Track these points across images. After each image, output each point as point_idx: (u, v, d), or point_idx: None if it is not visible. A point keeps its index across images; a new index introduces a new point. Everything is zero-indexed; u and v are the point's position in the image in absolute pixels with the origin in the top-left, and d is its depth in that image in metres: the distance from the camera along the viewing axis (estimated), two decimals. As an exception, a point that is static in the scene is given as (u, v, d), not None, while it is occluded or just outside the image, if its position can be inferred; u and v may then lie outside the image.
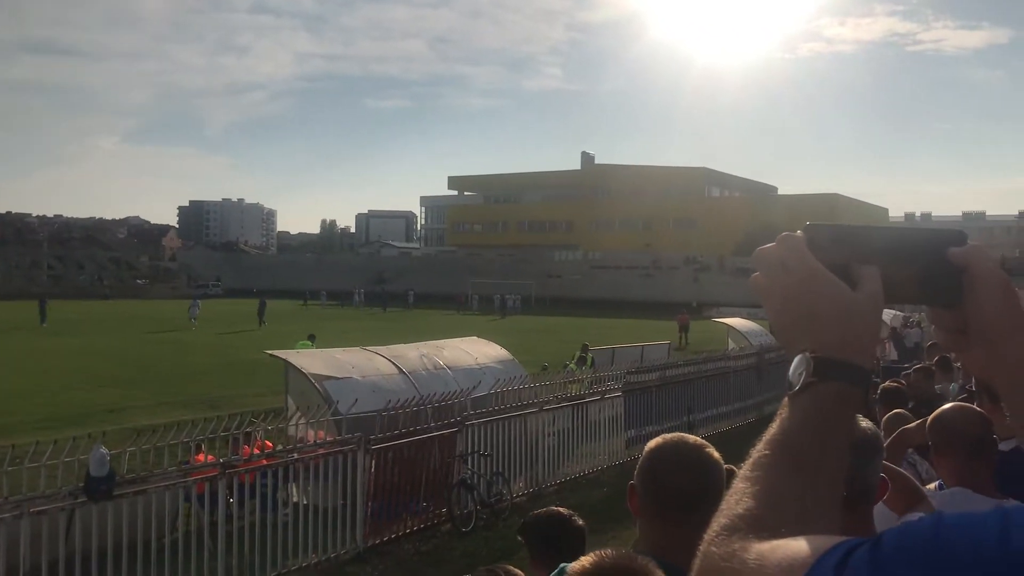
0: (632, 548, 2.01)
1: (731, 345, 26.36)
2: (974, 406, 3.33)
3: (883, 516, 2.01)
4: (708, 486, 1.95)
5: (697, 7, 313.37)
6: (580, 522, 2.28)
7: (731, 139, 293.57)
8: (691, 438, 2.05)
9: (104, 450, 7.59)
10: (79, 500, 7.45)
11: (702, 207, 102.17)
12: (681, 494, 1.92)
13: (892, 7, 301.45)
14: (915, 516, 1.81)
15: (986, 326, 0.92)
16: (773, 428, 0.91)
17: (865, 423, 1.99)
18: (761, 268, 0.94)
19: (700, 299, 71.58)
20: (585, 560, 1.77)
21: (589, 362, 19.95)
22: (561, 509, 2.05)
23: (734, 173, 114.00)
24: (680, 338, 37.04)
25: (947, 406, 3.33)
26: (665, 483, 1.93)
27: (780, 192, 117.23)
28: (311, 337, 22.51)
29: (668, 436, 2.05)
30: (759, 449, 0.89)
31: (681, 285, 79.41)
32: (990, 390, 2.79)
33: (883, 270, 0.92)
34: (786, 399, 0.92)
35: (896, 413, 5.00)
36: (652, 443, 2.02)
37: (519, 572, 3.10)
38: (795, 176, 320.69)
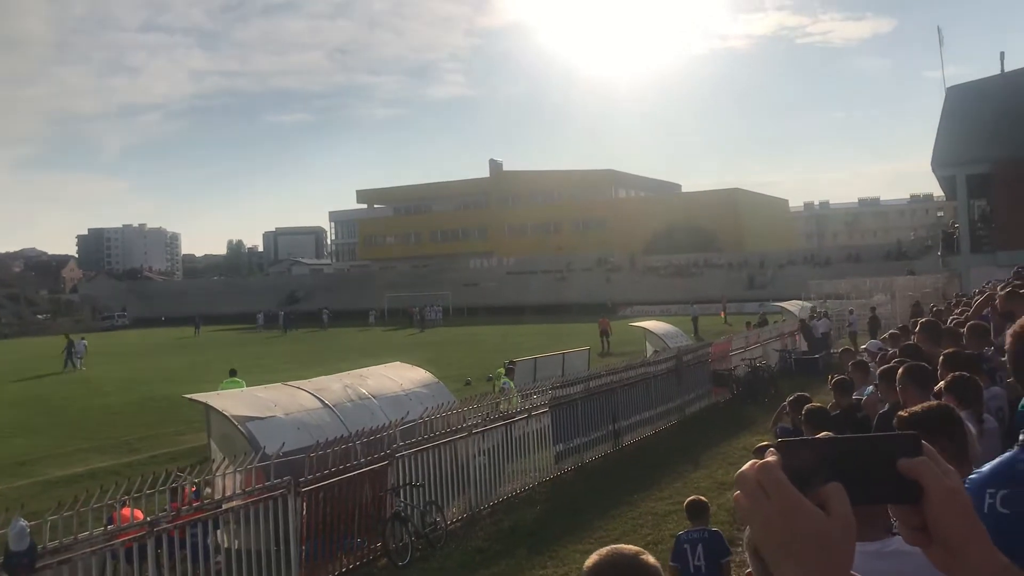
0: None
1: (649, 348, 26.84)
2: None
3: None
4: None
5: (592, 8, 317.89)
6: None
7: (633, 139, 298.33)
8: (626, 549, 2.10)
9: (23, 522, 7.28)
10: (-1, 576, 7.14)
11: (610, 208, 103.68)
12: None
13: (781, 2, 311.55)
14: None
15: (942, 536, 1.01)
16: None
17: None
18: (742, 491, 1.00)
19: (613, 298, 72.68)
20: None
21: (512, 383, 19.81)
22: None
23: (638, 173, 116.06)
24: (602, 343, 37.33)
25: None
26: None
27: (684, 189, 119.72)
28: (233, 372, 21.68)
29: (602, 552, 2.10)
30: None
31: (594, 286, 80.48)
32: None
33: (847, 479, 0.99)
34: None
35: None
36: (588, 562, 2.07)
37: None
38: (697, 172, 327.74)
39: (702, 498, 7.68)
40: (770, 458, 1.01)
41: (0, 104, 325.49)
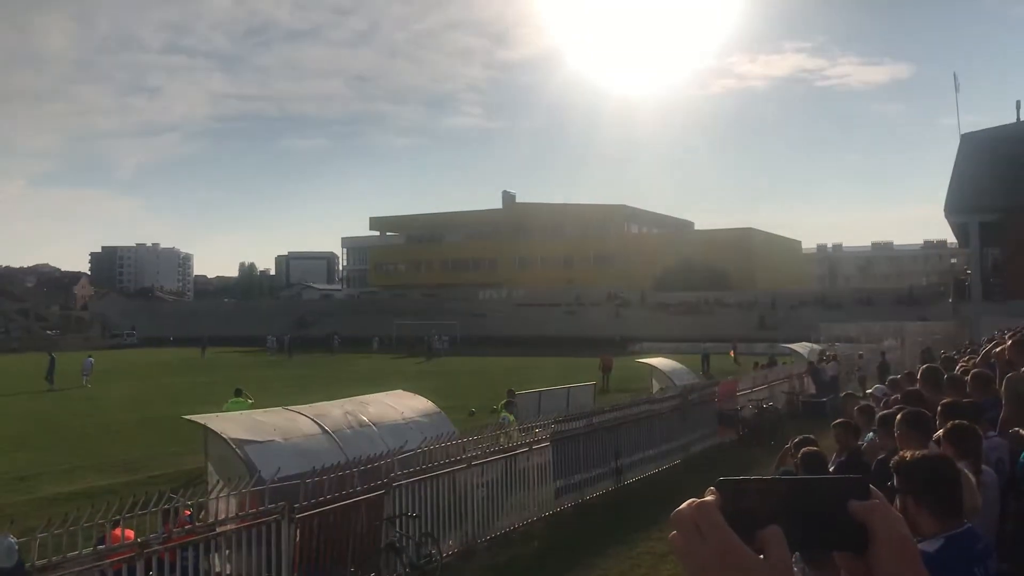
0: None
1: (655, 386, 26.68)
2: None
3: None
4: None
5: (611, 46, 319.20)
6: None
7: (648, 176, 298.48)
8: None
9: (12, 539, 7.23)
10: (-15, 593, 7.08)
11: (621, 243, 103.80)
12: None
13: (800, 44, 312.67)
14: None
15: None
16: None
17: None
18: (678, 530, 0.97)
19: (623, 334, 72.45)
20: None
21: (512, 417, 19.56)
22: None
23: (651, 209, 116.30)
24: (602, 379, 36.94)
25: None
26: None
27: (696, 227, 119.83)
28: (238, 392, 21.65)
29: None
30: None
31: (604, 321, 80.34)
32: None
33: (790, 522, 0.96)
34: None
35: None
36: None
37: None
38: (710, 211, 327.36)
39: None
40: (708, 497, 0.97)
41: (20, 119, 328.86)
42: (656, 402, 19.68)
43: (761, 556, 0.94)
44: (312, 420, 12.89)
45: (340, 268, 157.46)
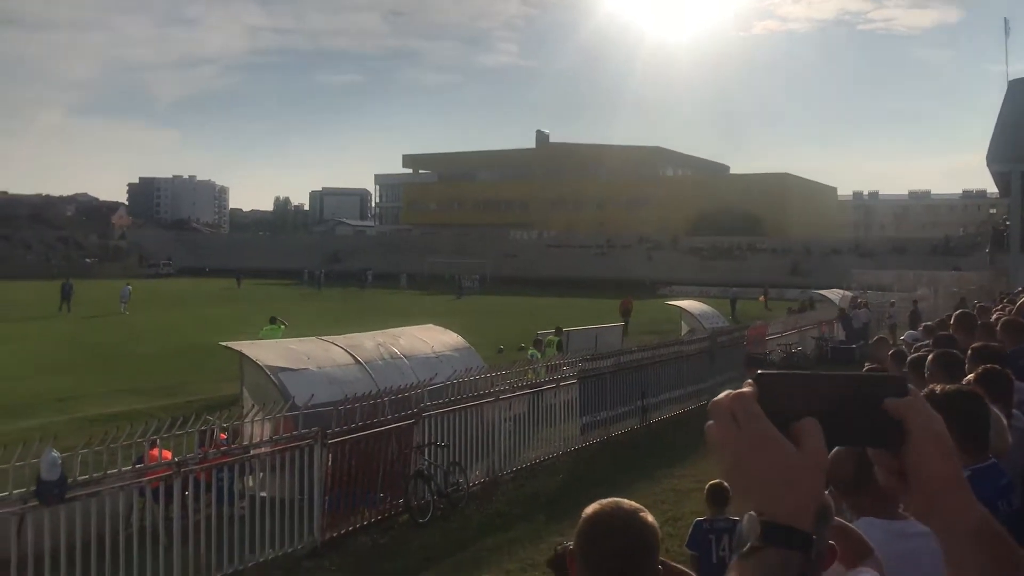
0: None
1: (684, 328, 26.70)
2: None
3: (831, 572, 2.08)
4: (642, 550, 2.02)
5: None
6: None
7: (684, 118, 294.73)
8: (626, 504, 2.11)
9: (55, 453, 7.48)
10: (30, 504, 7.35)
11: (655, 186, 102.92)
12: (615, 559, 1.99)
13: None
14: (861, 573, 1.88)
15: (923, 480, 0.98)
16: None
17: None
18: (715, 420, 0.98)
19: (653, 277, 72.30)
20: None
21: (557, 345, 20.63)
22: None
23: (687, 152, 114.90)
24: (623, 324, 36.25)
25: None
26: (600, 549, 2.01)
27: (732, 171, 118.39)
28: (273, 319, 22.02)
29: (604, 502, 2.11)
30: None
31: (635, 263, 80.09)
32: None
33: (827, 418, 0.96)
34: (735, 559, 0.97)
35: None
36: (589, 509, 2.09)
37: None
38: (747, 155, 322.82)
39: (726, 484, 7.54)
40: (746, 389, 0.99)
41: (59, 49, 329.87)
42: (684, 344, 19.71)
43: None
44: (345, 350, 13.11)
45: (373, 205, 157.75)
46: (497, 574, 9.32)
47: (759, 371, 1.03)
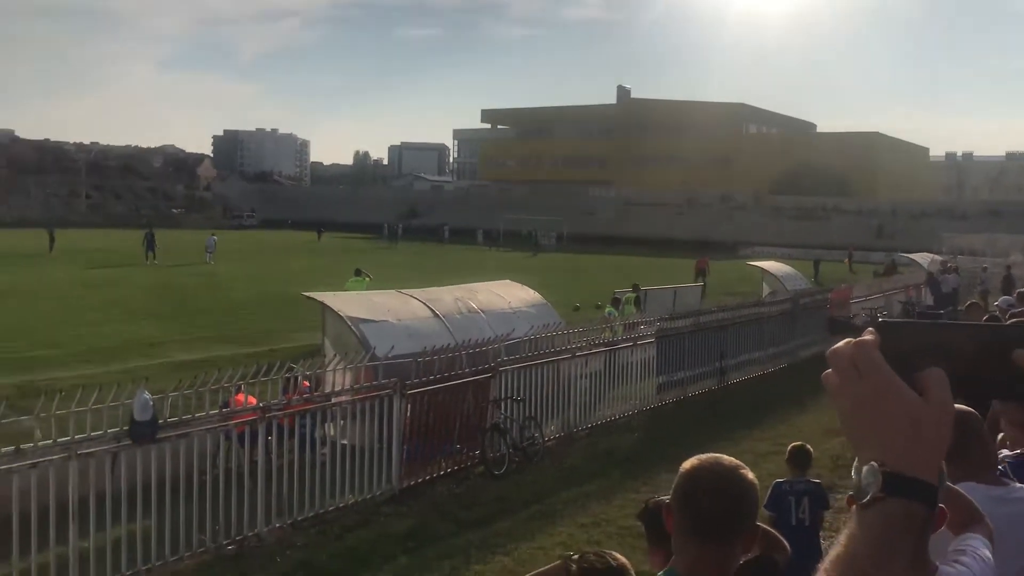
0: (668, 566, 2.05)
1: (766, 289, 26.23)
2: None
3: (939, 536, 2.02)
4: (742, 508, 1.97)
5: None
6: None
7: (770, 74, 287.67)
8: (726, 460, 2.06)
9: (147, 395, 7.76)
10: (123, 443, 7.65)
11: (739, 144, 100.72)
12: (715, 516, 1.94)
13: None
14: (970, 539, 1.82)
15: None
16: (840, 541, 0.93)
17: None
18: (834, 368, 0.94)
19: (734, 237, 71.09)
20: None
21: (635, 302, 20.63)
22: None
23: (772, 109, 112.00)
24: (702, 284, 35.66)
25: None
26: (700, 505, 1.96)
27: (819, 130, 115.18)
28: (358, 271, 22.48)
29: (704, 457, 2.06)
30: (826, 568, 0.91)
31: (716, 223, 78.79)
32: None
33: (953, 366, 0.92)
34: (854, 509, 0.93)
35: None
36: (687, 464, 2.04)
37: (625, 561, 3.00)
38: (835, 113, 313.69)
39: (807, 446, 7.44)
40: (867, 337, 0.95)
41: (146, 3, 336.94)
42: (765, 305, 19.39)
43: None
44: (424, 304, 13.25)
45: (451, 160, 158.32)
46: (571, 527, 9.38)
47: (881, 320, 0.98)
